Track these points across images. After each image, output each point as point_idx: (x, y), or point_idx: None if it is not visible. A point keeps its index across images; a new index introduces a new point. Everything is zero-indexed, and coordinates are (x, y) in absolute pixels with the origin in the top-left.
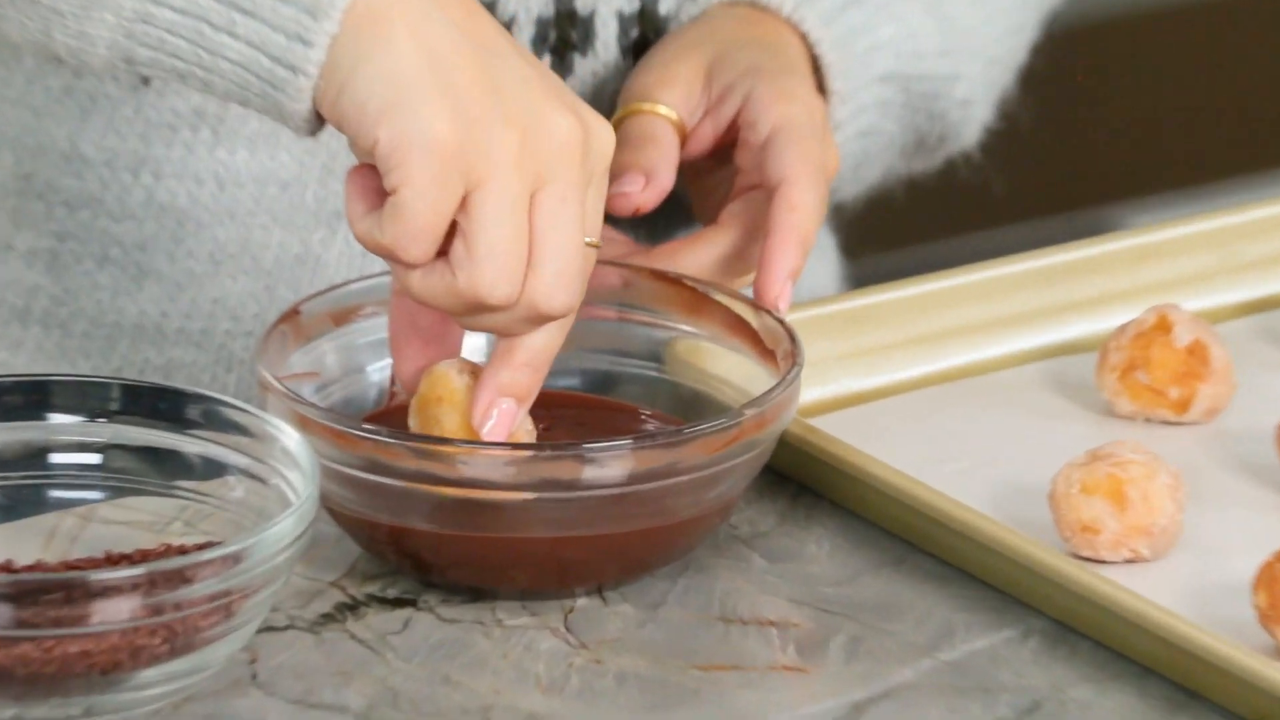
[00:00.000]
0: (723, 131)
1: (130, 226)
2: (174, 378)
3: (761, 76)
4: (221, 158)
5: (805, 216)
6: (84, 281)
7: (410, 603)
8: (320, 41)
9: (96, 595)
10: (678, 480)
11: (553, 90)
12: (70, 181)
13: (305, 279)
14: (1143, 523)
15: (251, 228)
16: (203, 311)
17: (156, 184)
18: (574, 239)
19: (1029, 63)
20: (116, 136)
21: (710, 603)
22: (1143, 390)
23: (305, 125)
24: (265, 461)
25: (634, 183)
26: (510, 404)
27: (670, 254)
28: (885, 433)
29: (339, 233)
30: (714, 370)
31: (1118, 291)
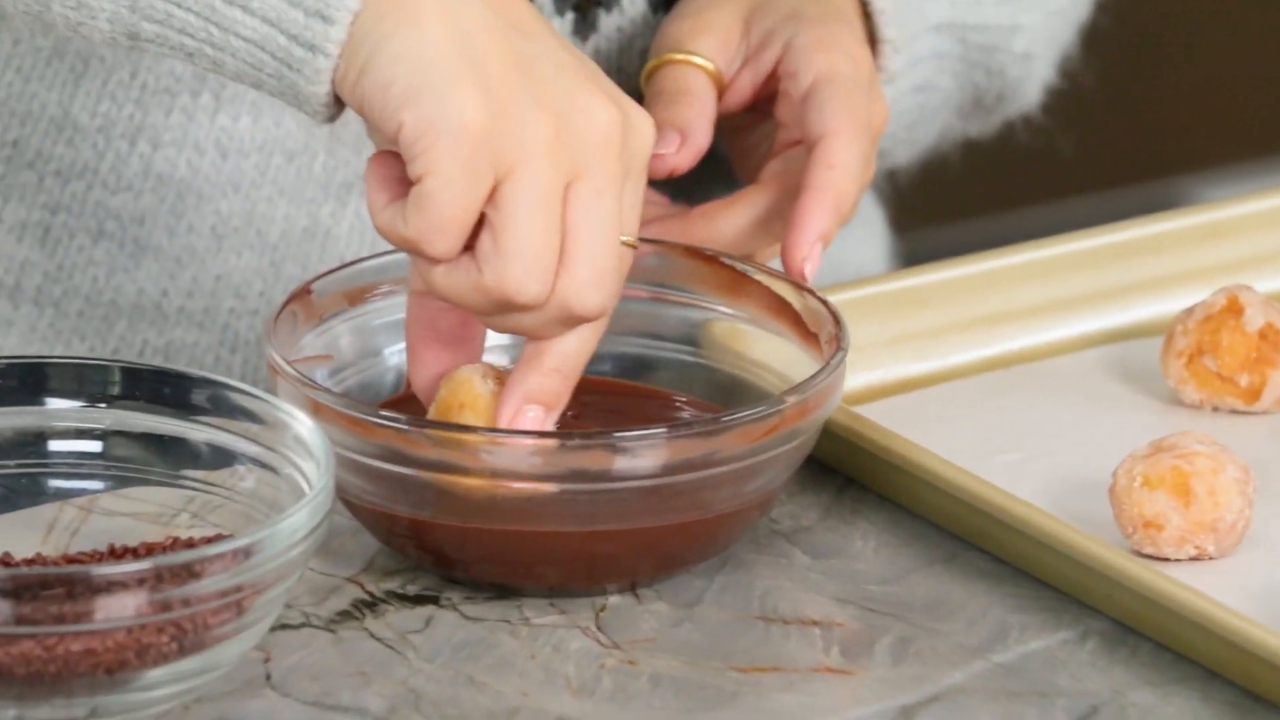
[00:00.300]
0: (762, 82)
1: (127, 198)
2: (175, 359)
3: (804, 23)
4: (224, 125)
5: (843, 175)
6: (78, 257)
7: (432, 600)
8: (341, 18)
9: (100, 590)
10: (715, 471)
11: (591, 77)
12: (62, 150)
13: (314, 254)
14: (1208, 518)
15: (256, 200)
16: (205, 289)
17: (154, 153)
18: (609, 235)
19: (1094, 20)
20: (111, 102)
21: (749, 601)
22: (1211, 377)
23: (323, 110)
24: (277, 450)
25: (669, 143)
26: (538, 411)
27: (707, 216)
28: (936, 422)
29: (349, 205)
30: (753, 354)
31: (1185, 271)
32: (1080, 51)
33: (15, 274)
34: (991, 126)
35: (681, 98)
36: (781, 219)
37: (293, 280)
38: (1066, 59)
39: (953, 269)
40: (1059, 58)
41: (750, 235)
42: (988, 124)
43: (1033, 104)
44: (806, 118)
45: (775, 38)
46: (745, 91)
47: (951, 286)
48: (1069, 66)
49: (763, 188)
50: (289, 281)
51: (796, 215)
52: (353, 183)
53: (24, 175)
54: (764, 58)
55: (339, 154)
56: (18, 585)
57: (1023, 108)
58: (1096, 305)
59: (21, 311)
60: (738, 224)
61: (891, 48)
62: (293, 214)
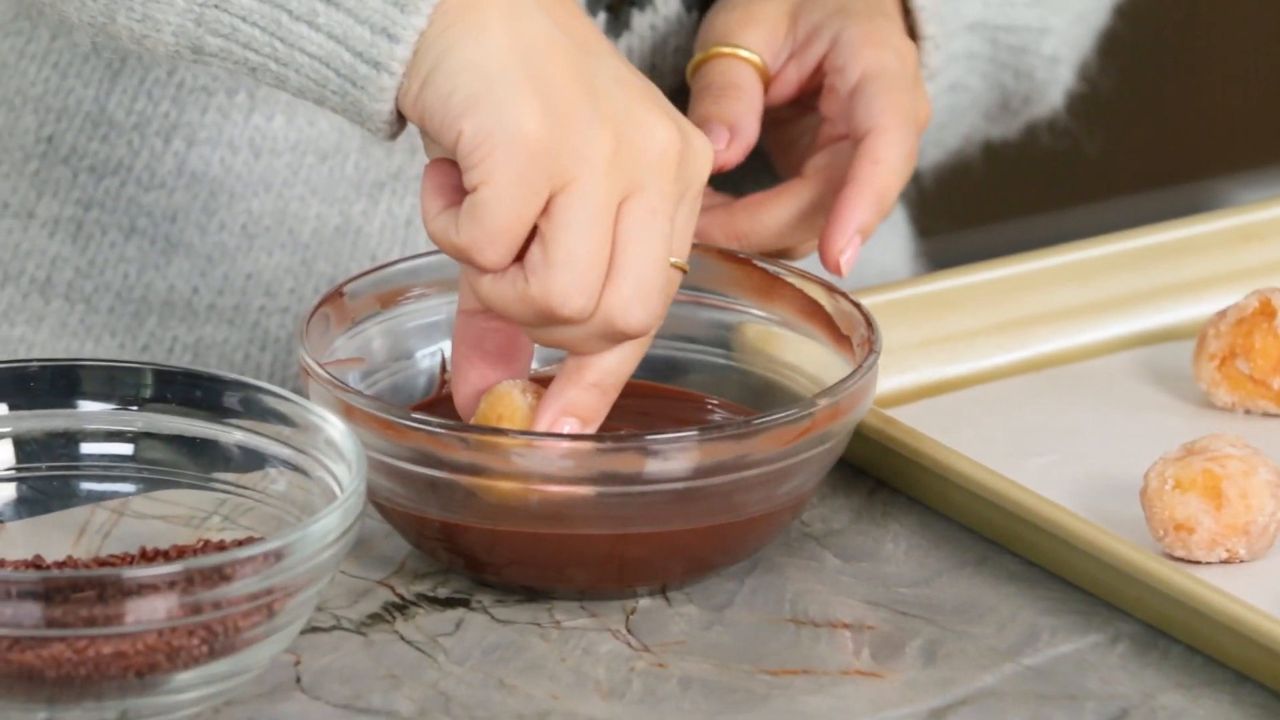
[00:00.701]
0: (808, 76)
1: (159, 196)
2: (204, 357)
3: (851, 18)
4: (258, 124)
5: (888, 170)
6: (110, 253)
7: (463, 603)
8: (407, 37)
9: (131, 593)
10: (746, 474)
11: (651, 96)
12: (96, 146)
13: (345, 252)
14: (1240, 521)
15: (288, 199)
16: (235, 287)
17: (189, 151)
18: (658, 254)
19: (1120, 24)
20: (148, 100)
21: (780, 604)
22: (1243, 380)
23: (386, 128)
24: (308, 453)
25: (718, 137)
26: (574, 424)
27: (750, 208)
28: (967, 424)
29: (381, 203)
30: (785, 357)
31: (1218, 274)
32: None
33: (47, 269)
34: (1013, 129)
35: (729, 91)
36: (824, 213)
37: (323, 279)
38: (1086, 65)
39: (985, 272)
40: (1080, 63)
41: (793, 228)
42: (1009, 127)
43: (1055, 108)
44: (854, 113)
45: (822, 32)
46: (791, 85)
47: (983, 289)
48: (1089, 73)
49: (807, 181)
50: (320, 280)
51: (838, 207)
52: (385, 182)
53: (58, 171)
54: (810, 52)
55: (372, 154)
56: (49, 588)
57: (1045, 111)
58: (1129, 308)
59: (52, 306)
60: (781, 216)
61: (932, 44)
62: (325, 213)
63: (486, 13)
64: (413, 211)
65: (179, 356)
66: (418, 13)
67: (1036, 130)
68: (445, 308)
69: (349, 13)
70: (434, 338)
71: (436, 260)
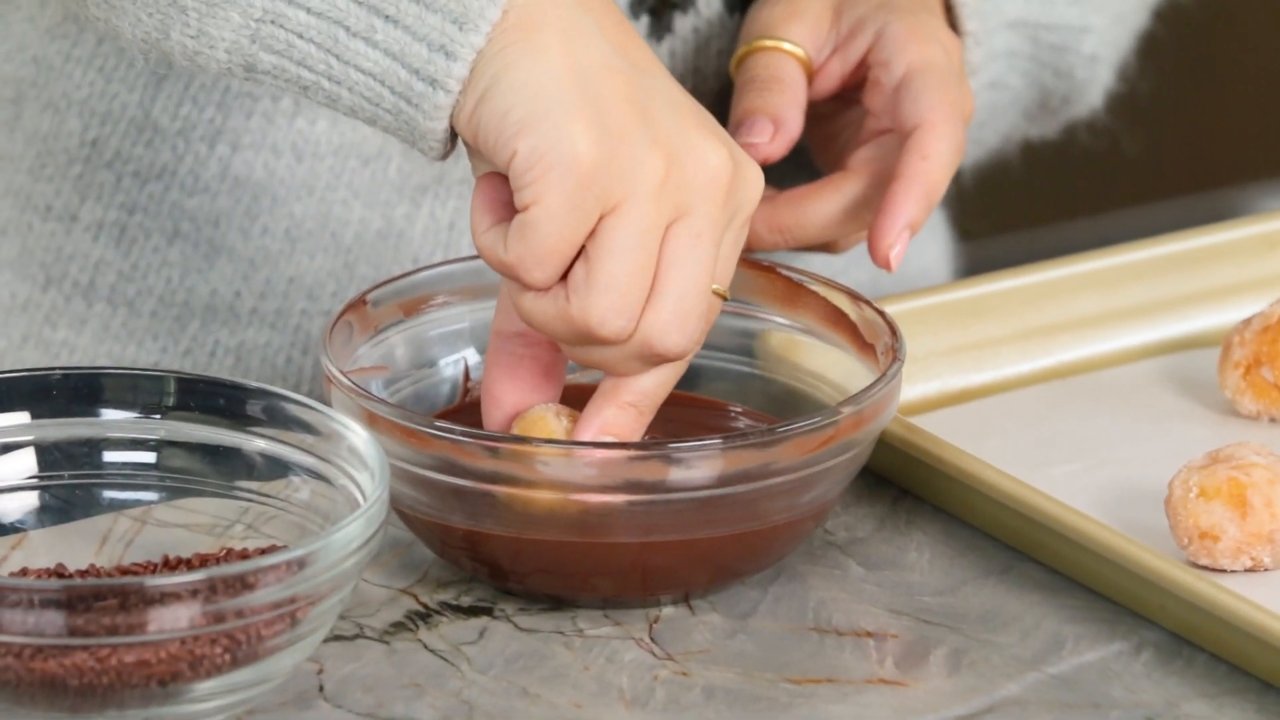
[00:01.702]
0: (851, 70)
1: (203, 200)
2: (247, 360)
3: (895, 12)
4: (301, 128)
5: (937, 166)
6: (153, 257)
7: (486, 611)
8: (464, 55)
9: (154, 602)
10: (770, 483)
11: (705, 121)
12: (141, 151)
13: (387, 256)
14: (1265, 529)
15: (331, 202)
16: (278, 291)
17: (233, 155)
18: (701, 279)
19: (1154, 29)
20: (193, 105)
21: (804, 612)
22: (1268, 388)
23: (439, 146)
24: (331, 461)
25: (762, 131)
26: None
27: (794, 201)
28: (992, 433)
29: (423, 207)
30: (809, 365)
31: (1243, 282)
32: (1138, 60)
33: (90, 273)
34: (1052, 130)
35: (773, 85)
36: (870, 207)
37: (365, 282)
38: (1125, 66)
39: (1009, 280)
40: (1120, 63)
41: (838, 222)
42: (1048, 127)
43: (1094, 108)
44: (900, 107)
45: (866, 26)
46: (834, 79)
47: (1008, 297)
48: (1128, 74)
49: (852, 175)
50: (362, 283)
51: (887, 202)
52: (427, 185)
53: (102, 175)
54: (854, 45)
55: (414, 158)
56: (71, 596)
57: (1084, 112)
58: (1153, 316)
59: (95, 310)
60: (826, 210)
61: (973, 40)
62: (367, 216)
63: (545, 33)
64: (455, 215)
65: (221, 360)
66: (476, 31)
67: (1076, 134)
68: (468, 315)
69: (407, 30)
70: (457, 346)
71: (459, 268)
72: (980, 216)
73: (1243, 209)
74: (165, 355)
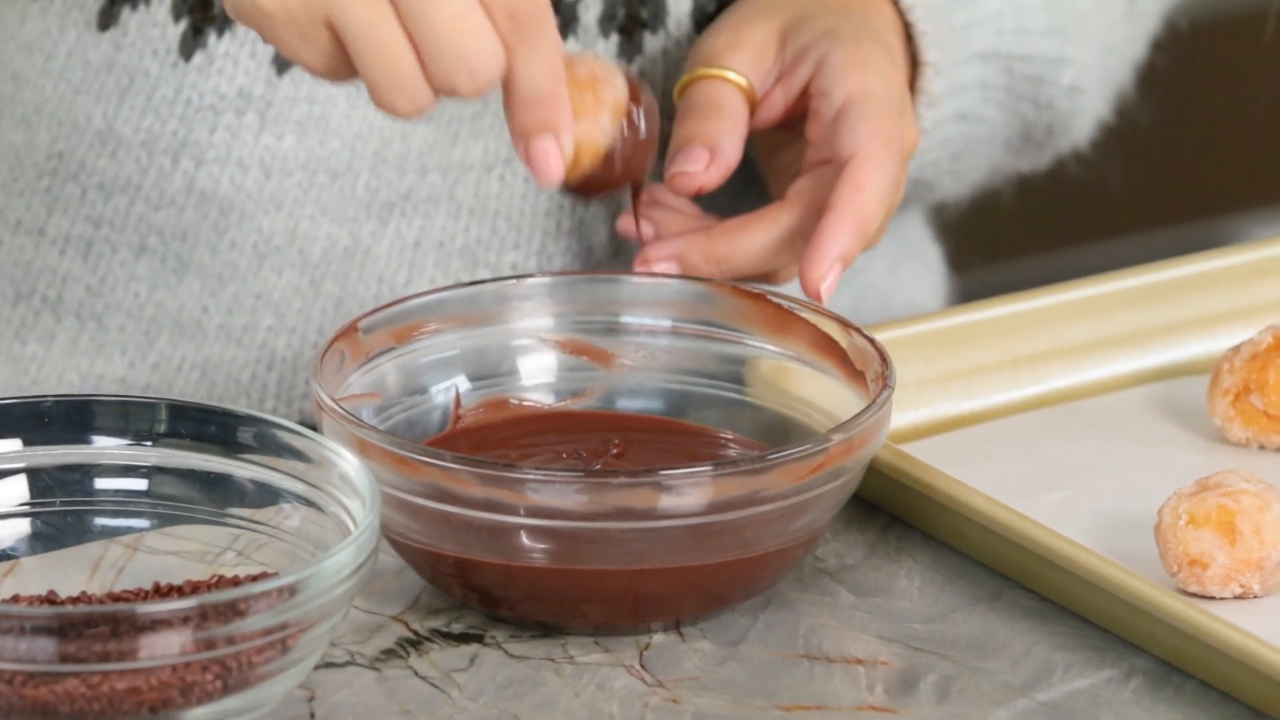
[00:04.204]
0: (794, 100)
1: (169, 214)
2: (212, 375)
3: (838, 41)
4: (268, 143)
5: (870, 197)
6: (121, 272)
7: (477, 638)
8: None
9: (145, 629)
10: (760, 510)
11: None
12: (105, 163)
13: (353, 273)
14: (1254, 557)
15: (299, 218)
16: (245, 306)
17: (197, 170)
18: (448, 11)
19: (1147, 59)
20: (155, 117)
21: (794, 639)
22: (1257, 415)
23: None
24: (322, 488)
25: (698, 159)
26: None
27: (730, 232)
28: (982, 460)
29: (390, 224)
30: (799, 392)
31: (1232, 309)
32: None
33: (58, 287)
34: (1043, 162)
35: (712, 113)
36: (805, 237)
37: (330, 299)
38: (1124, 96)
39: (999, 307)
40: (1114, 94)
41: (772, 252)
42: (1039, 159)
43: (1084, 138)
44: (837, 137)
45: (809, 55)
46: (777, 108)
47: (998, 324)
48: (1124, 104)
49: (787, 205)
50: (327, 300)
51: (818, 234)
52: (395, 202)
53: (68, 188)
54: (797, 74)
55: (382, 173)
56: (63, 623)
57: (1074, 142)
58: (1143, 343)
59: (64, 325)
60: (761, 241)
61: (934, 70)
62: (334, 233)
63: None
64: (420, 234)
65: (186, 375)
66: None
67: (1062, 161)
68: (460, 343)
69: None
70: (448, 373)
71: (450, 295)
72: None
73: (1231, 237)
74: (133, 369)
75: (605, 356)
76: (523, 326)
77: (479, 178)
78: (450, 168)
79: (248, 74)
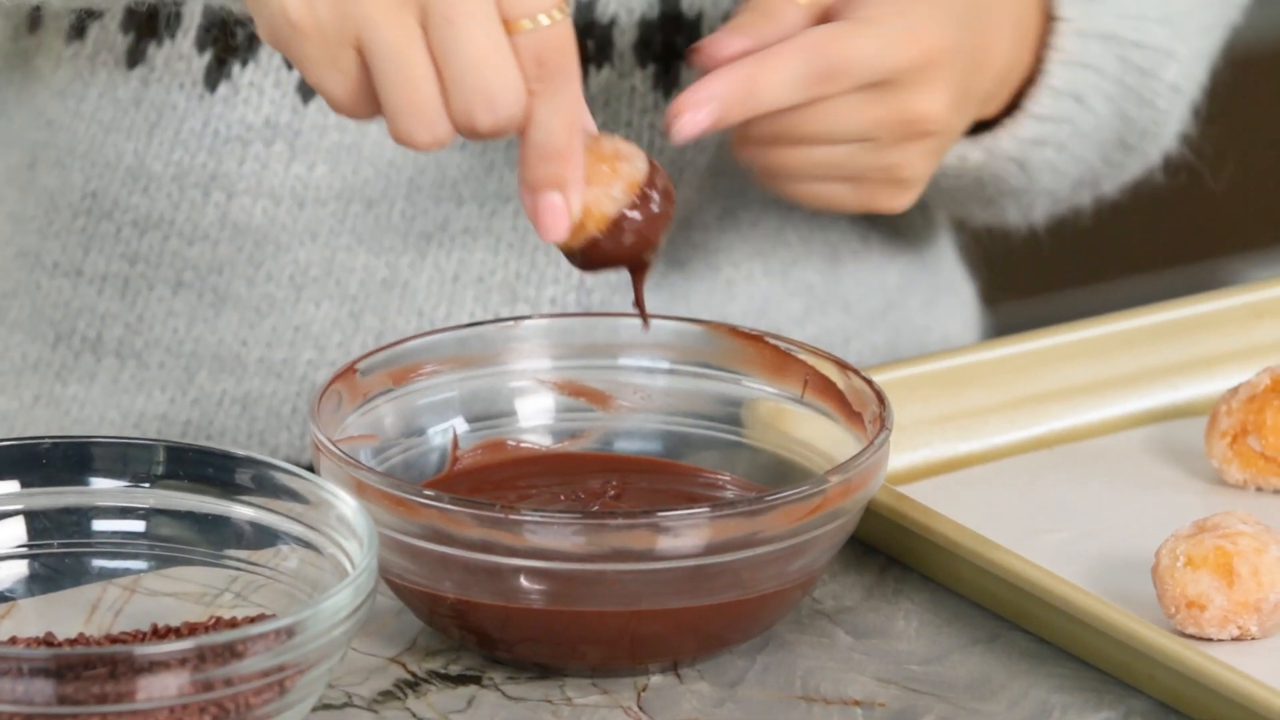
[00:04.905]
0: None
1: (204, 248)
2: (252, 409)
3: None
4: (299, 173)
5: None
6: (158, 308)
7: (474, 680)
8: None
9: (142, 670)
10: (758, 551)
11: None
12: (138, 199)
13: (393, 306)
14: (1252, 599)
15: (335, 249)
16: (284, 339)
17: (229, 202)
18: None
19: None
20: (184, 150)
21: (791, 681)
22: (1255, 457)
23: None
24: (320, 530)
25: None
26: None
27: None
28: (980, 502)
29: (428, 256)
30: (797, 434)
31: (1229, 351)
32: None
33: (97, 326)
34: (1125, 177)
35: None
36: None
37: (371, 332)
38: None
39: (996, 349)
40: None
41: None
42: (1122, 175)
43: (1167, 151)
44: None
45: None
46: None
47: (996, 366)
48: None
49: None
50: (367, 333)
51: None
52: (431, 233)
53: (103, 226)
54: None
55: (418, 202)
56: (60, 665)
57: (1158, 154)
58: (1140, 385)
59: (104, 364)
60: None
61: (1069, 26)
62: (372, 264)
63: None
64: (460, 266)
65: (227, 410)
66: None
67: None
68: (457, 384)
69: None
70: (446, 414)
71: (447, 337)
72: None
73: (1229, 279)
74: (173, 406)
75: (603, 398)
76: (520, 368)
77: (516, 210)
78: (487, 199)
79: (273, 103)
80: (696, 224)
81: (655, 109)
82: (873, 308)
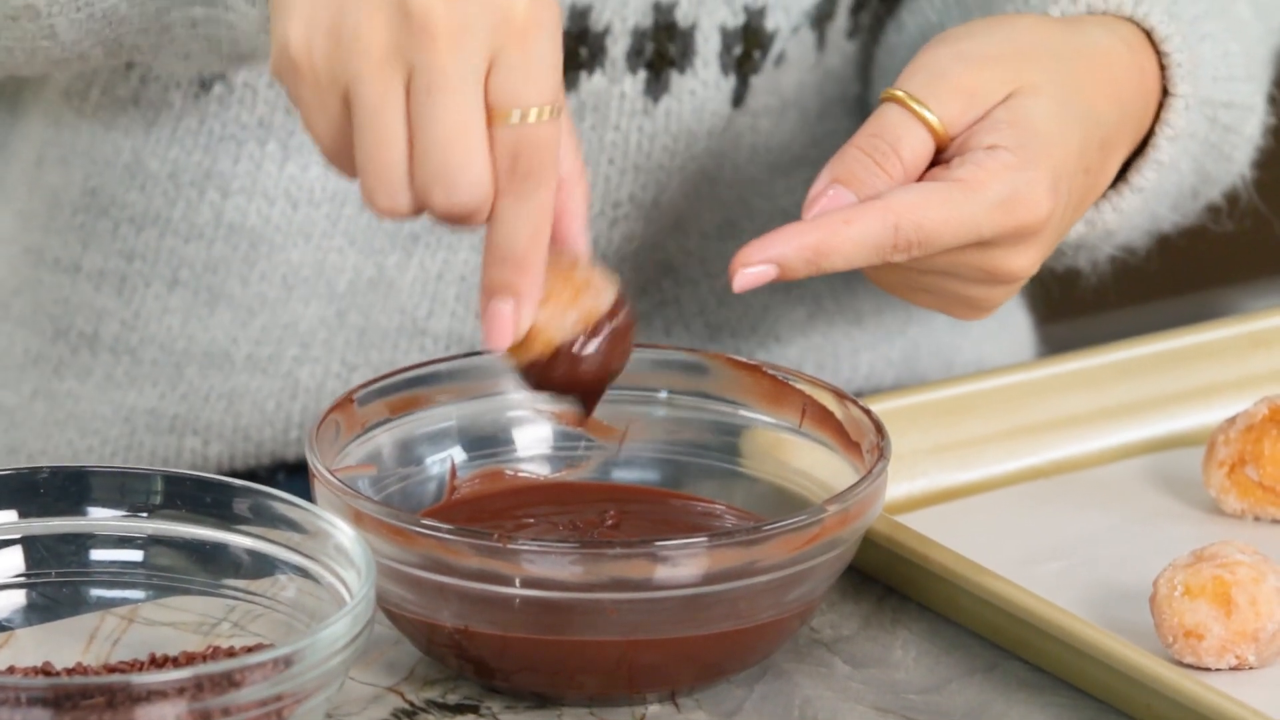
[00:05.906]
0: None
1: (199, 247)
2: (238, 405)
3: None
4: (292, 174)
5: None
6: (154, 305)
7: (472, 709)
8: None
9: (140, 700)
10: (756, 581)
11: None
12: (135, 196)
13: (377, 304)
14: (1249, 628)
15: (327, 250)
16: (273, 337)
17: (224, 201)
18: (450, 129)
19: None
20: (179, 148)
21: (789, 710)
22: (1252, 487)
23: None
24: (318, 559)
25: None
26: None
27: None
28: (977, 531)
29: (414, 256)
30: (795, 463)
31: (1227, 381)
32: None
33: (94, 322)
34: (1186, 221)
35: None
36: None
37: (354, 330)
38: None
39: (994, 378)
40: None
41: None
42: (1187, 219)
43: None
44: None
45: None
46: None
47: (994, 396)
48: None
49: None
50: (351, 331)
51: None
52: (419, 234)
53: (100, 223)
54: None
55: None
56: (58, 695)
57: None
58: (1138, 415)
59: (99, 359)
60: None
61: (1183, 103)
62: (360, 264)
63: None
64: (444, 266)
65: (213, 405)
66: None
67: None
68: (455, 414)
69: None
70: (444, 444)
71: (445, 368)
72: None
73: (1226, 309)
74: (163, 401)
75: (600, 428)
76: (518, 398)
77: None
78: None
79: (267, 103)
80: (694, 232)
81: (644, 113)
82: (887, 322)
